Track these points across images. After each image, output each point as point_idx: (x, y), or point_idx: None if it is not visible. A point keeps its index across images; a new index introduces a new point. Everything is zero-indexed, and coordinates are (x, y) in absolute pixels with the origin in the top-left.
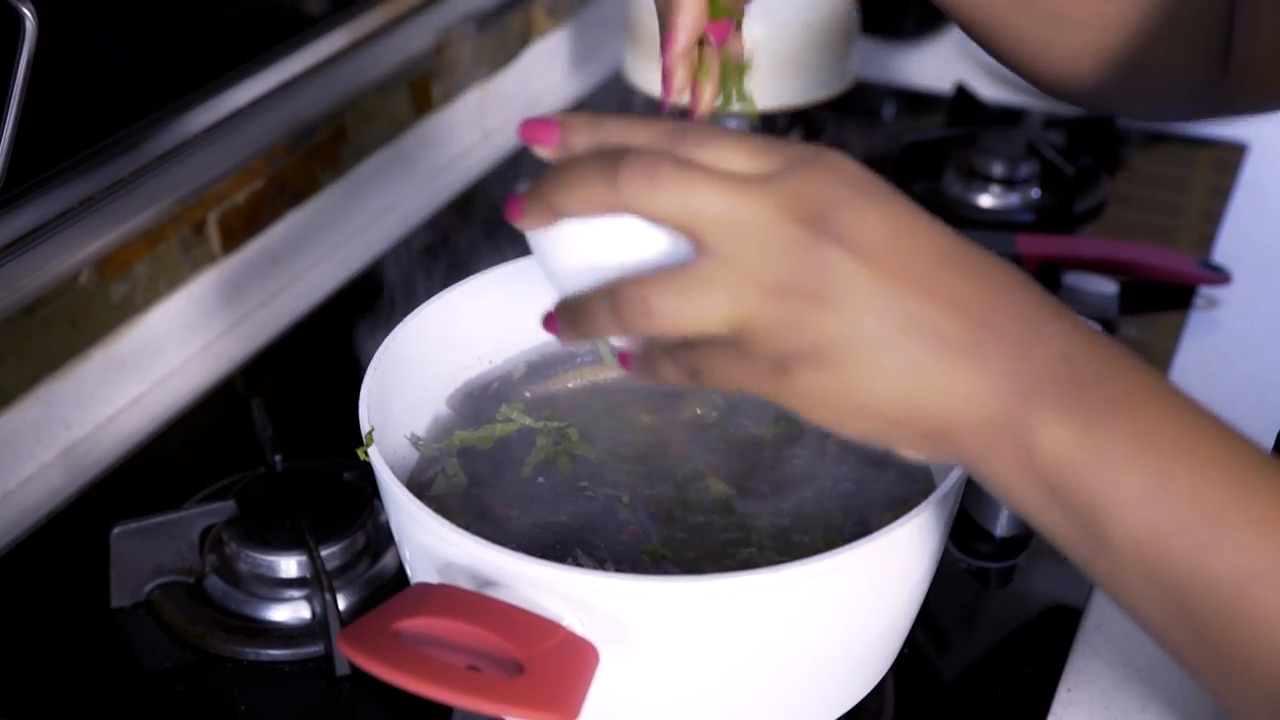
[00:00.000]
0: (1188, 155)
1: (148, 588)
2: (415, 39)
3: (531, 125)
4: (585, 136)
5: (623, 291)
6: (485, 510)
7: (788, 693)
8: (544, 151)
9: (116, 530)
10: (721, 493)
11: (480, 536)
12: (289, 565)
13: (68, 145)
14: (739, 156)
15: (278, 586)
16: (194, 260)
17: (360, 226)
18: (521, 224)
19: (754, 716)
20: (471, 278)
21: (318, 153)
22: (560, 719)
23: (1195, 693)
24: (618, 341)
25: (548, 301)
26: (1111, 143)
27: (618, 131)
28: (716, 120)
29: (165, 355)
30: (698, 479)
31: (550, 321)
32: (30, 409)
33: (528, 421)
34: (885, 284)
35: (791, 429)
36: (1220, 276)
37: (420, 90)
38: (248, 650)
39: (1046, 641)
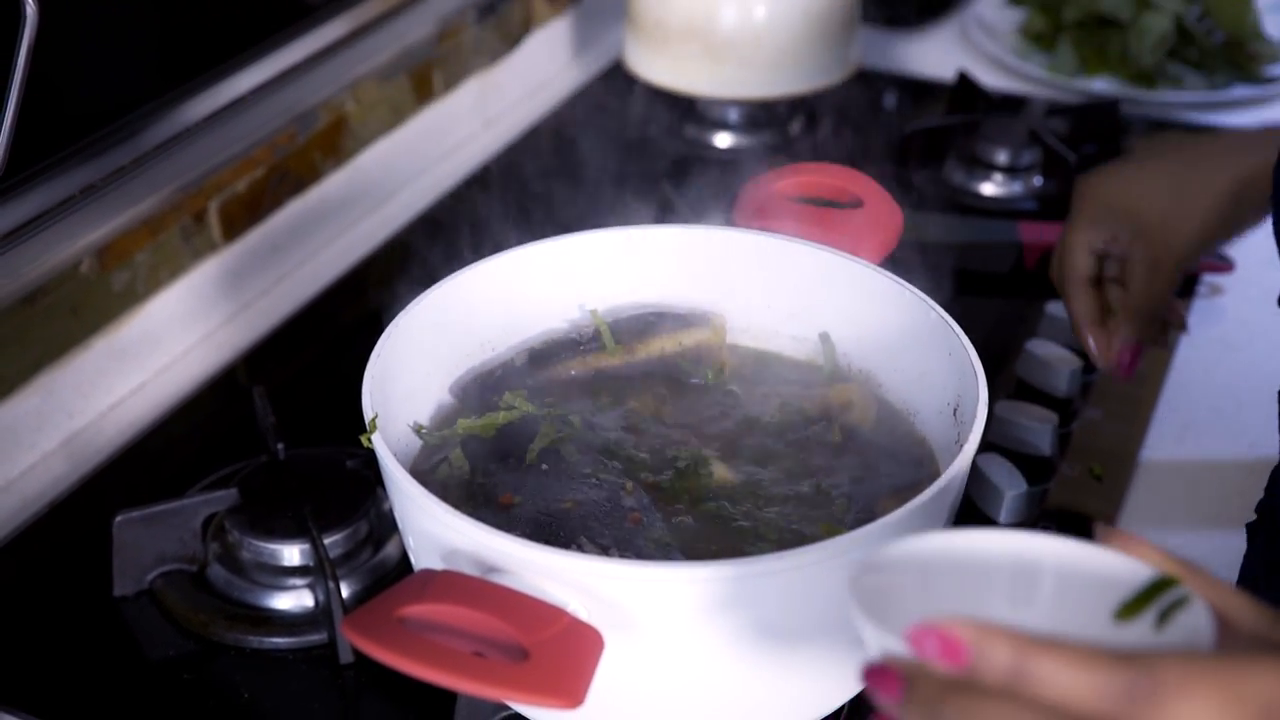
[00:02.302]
0: None
1: (150, 576)
2: (416, 27)
3: (878, 674)
4: (1005, 658)
5: None
6: (489, 497)
7: (791, 679)
8: (887, 703)
9: (119, 519)
10: (725, 479)
11: (484, 523)
12: (292, 553)
13: (69, 133)
14: (1205, 713)
15: (281, 575)
16: (195, 249)
17: (361, 214)
18: None
19: (757, 703)
20: (473, 265)
21: (319, 141)
22: (565, 704)
23: None
24: None
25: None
26: (1114, 130)
27: (1051, 676)
28: None
29: (167, 344)
30: (701, 466)
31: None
32: (32, 398)
33: (531, 409)
34: None
35: (795, 416)
36: (1223, 264)
37: (421, 78)
38: (251, 638)
39: None
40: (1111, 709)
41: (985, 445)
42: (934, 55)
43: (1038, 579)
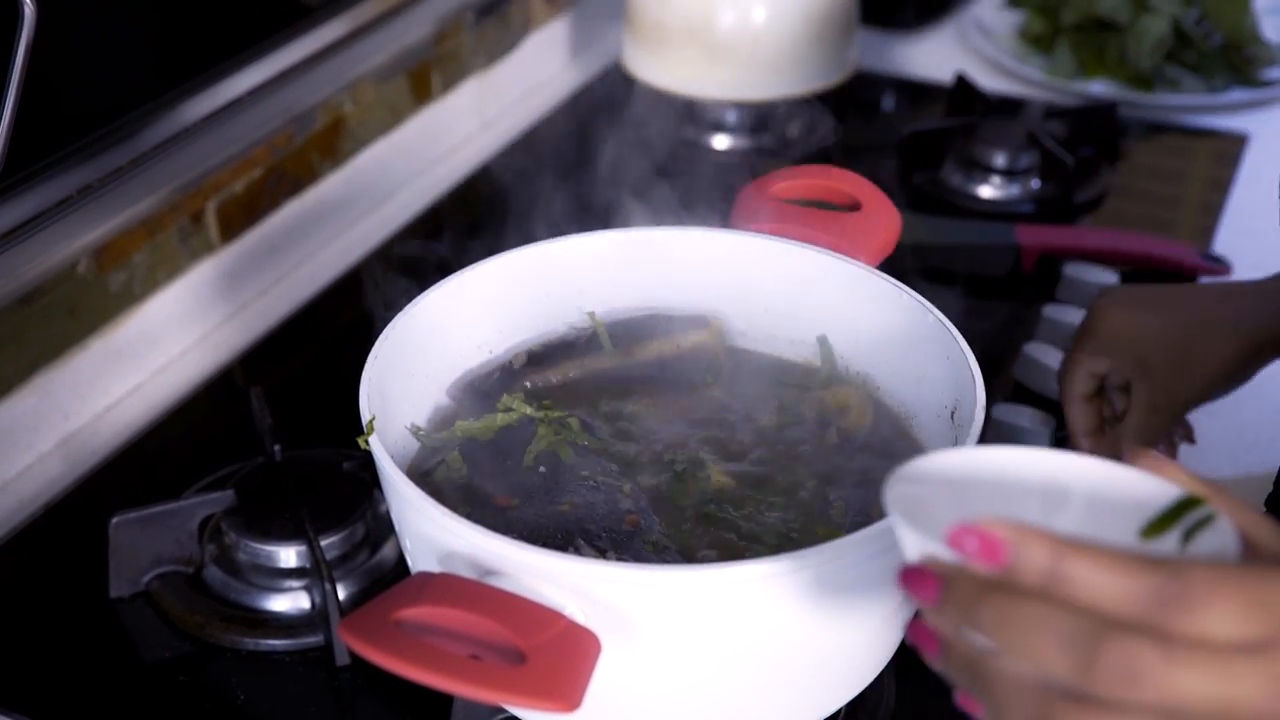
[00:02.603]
0: (1188, 146)
1: (147, 578)
2: (414, 28)
3: (915, 576)
4: (1042, 559)
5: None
6: (486, 500)
7: (789, 683)
8: (924, 605)
9: (115, 520)
10: (722, 483)
11: (481, 526)
12: (288, 555)
13: (66, 133)
14: (1231, 619)
15: (277, 576)
16: (192, 249)
17: (359, 215)
18: (936, 661)
19: (755, 706)
20: (471, 267)
21: (316, 142)
22: (562, 708)
23: None
24: None
25: None
26: (1112, 133)
27: (1085, 577)
28: None
29: (164, 345)
30: (699, 469)
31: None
32: (28, 398)
33: (528, 411)
34: None
35: (792, 419)
36: (1221, 267)
37: (419, 79)
38: (247, 640)
39: None
40: (1142, 612)
41: None
42: (932, 57)
43: (1067, 495)
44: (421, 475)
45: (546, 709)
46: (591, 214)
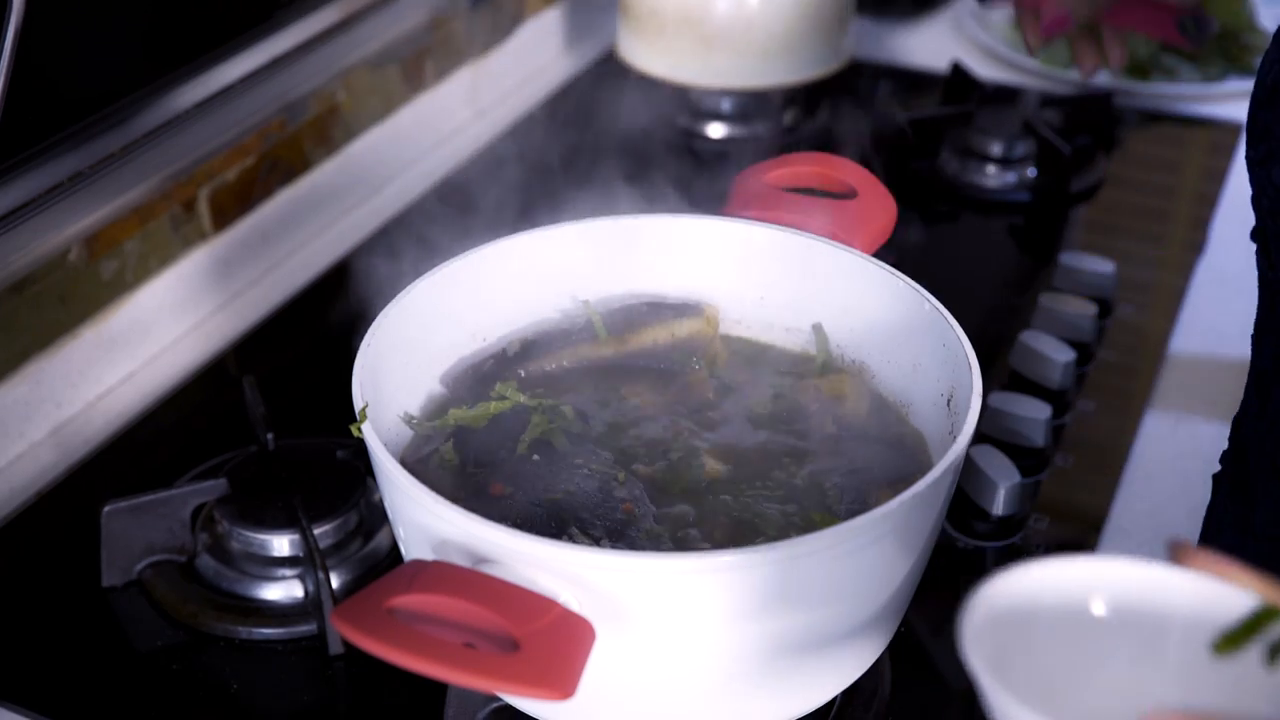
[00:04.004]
0: (1184, 135)
1: (139, 566)
2: (408, 16)
3: None
4: None
5: None
6: (480, 488)
7: (784, 670)
8: None
9: (107, 509)
10: (716, 471)
11: (475, 514)
12: (281, 544)
13: (57, 120)
14: None
15: (270, 565)
16: (185, 237)
17: (352, 204)
18: None
19: (750, 694)
20: (465, 254)
21: (310, 130)
22: (556, 695)
23: None
24: None
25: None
26: (1108, 122)
27: None
28: None
29: (156, 333)
30: (693, 457)
31: None
32: (20, 387)
33: (522, 399)
34: None
35: (787, 407)
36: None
37: (413, 67)
38: (240, 629)
39: None
40: None
41: (979, 437)
42: (928, 46)
43: (1149, 621)
44: (415, 463)
45: (540, 696)
46: (586, 201)
